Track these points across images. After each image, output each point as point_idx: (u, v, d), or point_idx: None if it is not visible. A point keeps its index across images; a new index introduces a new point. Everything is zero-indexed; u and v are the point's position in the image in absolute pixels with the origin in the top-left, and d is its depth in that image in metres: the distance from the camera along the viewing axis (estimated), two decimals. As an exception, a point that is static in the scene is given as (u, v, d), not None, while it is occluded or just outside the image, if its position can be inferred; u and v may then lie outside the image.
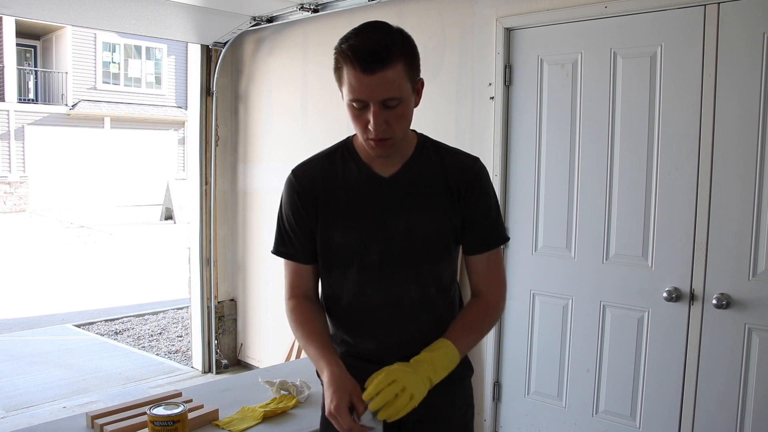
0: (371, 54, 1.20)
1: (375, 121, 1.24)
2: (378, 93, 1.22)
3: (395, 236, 1.36)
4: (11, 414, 3.77)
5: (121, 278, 8.45)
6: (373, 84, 1.21)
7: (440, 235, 1.39)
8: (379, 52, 1.20)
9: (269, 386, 1.99)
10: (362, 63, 1.20)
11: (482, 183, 1.41)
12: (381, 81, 1.21)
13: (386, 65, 1.21)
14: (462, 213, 1.39)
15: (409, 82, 1.27)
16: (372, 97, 1.23)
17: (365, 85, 1.21)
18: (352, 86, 1.23)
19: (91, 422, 1.73)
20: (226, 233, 4.48)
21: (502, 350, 3.03)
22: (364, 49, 1.20)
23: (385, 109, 1.24)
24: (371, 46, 1.20)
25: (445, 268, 1.42)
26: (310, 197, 1.39)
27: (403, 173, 1.38)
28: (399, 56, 1.23)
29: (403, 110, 1.28)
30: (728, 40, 2.26)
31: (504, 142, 2.92)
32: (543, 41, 2.78)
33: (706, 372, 2.37)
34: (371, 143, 1.29)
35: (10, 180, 15.79)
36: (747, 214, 2.25)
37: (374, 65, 1.20)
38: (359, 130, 1.30)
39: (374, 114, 1.24)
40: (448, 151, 1.44)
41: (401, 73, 1.24)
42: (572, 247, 2.74)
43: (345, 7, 3.43)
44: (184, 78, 16.53)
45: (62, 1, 3.40)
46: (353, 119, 1.29)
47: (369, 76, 1.21)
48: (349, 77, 1.23)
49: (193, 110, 4.41)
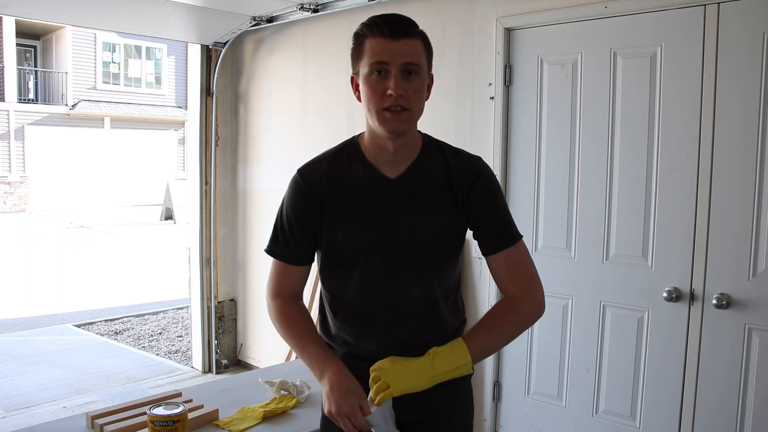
0: (398, 20, 1.30)
1: (395, 83, 1.27)
2: (401, 56, 1.28)
3: (399, 237, 1.36)
4: (11, 414, 3.77)
5: (121, 278, 8.45)
6: (397, 48, 1.28)
7: (444, 237, 1.39)
8: (405, 22, 1.31)
9: (269, 386, 1.99)
10: (390, 26, 1.28)
11: (486, 181, 1.41)
12: (405, 46, 1.28)
13: (410, 35, 1.30)
14: (467, 213, 1.39)
15: (426, 63, 1.34)
16: (394, 59, 1.27)
17: (389, 49, 1.28)
18: (374, 51, 1.29)
19: (91, 422, 1.73)
20: (226, 233, 4.48)
21: (502, 350, 3.02)
22: (390, 18, 1.30)
23: (404, 78, 1.28)
24: (398, 17, 1.31)
25: (449, 269, 1.42)
26: (316, 198, 1.39)
27: (409, 174, 1.38)
28: (419, 34, 1.32)
29: (420, 84, 1.31)
30: (728, 40, 2.26)
31: (504, 142, 2.92)
32: (543, 41, 2.78)
33: (706, 372, 2.37)
34: (387, 115, 1.29)
35: (10, 180, 15.79)
36: (747, 214, 2.25)
37: (400, 31, 1.28)
38: (375, 100, 1.30)
39: (395, 77, 1.27)
40: (451, 151, 1.44)
41: (420, 48, 1.31)
42: (572, 247, 2.74)
43: (345, 7, 3.43)
44: (184, 78, 16.53)
45: (62, 1, 3.40)
46: (371, 89, 1.30)
47: (394, 41, 1.28)
48: (372, 45, 1.29)
49: (193, 110, 4.41)
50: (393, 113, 1.29)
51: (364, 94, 1.31)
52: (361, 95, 1.33)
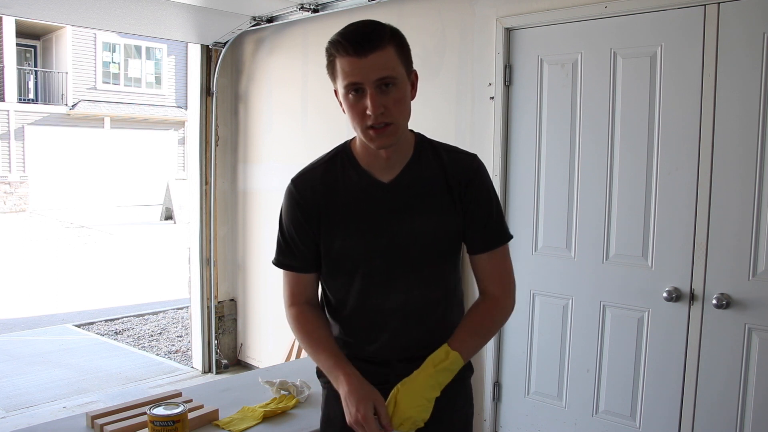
0: (362, 36, 1.23)
1: (372, 103, 1.23)
2: (372, 73, 1.23)
3: (399, 241, 1.36)
4: (11, 414, 3.77)
5: (121, 278, 8.45)
6: (367, 66, 1.22)
7: (444, 237, 1.38)
8: (369, 34, 1.24)
9: (269, 386, 1.99)
10: (354, 45, 1.22)
11: (481, 179, 1.41)
12: (374, 62, 1.23)
13: (377, 47, 1.23)
14: (464, 211, 1.38)
15: (403, 66, 1.28)
16: (366, 78, 1.23)
17: (359, 68, 1.23)
18: (345, 72, 1.24)
19: (91, 422, 1.73)
20: (226, 233, 4.48)
21: (502, 350, 3.03)
22: (354, 34, 1.24)
23: (381, 93, 1.24)
24: (361, 30, 1.25)
25: (450, 269, 1.42)
26: (312, 207, 1.38)
27: (403, 177, 1.37)
28: (389, 40, 1.25)
29: (400, 94, 1.27)
30: (728, 40, 2.26)
31: (504, 142, 2.92)
32: (543, 41, 2.78)
33: (706, 372, 2.37)
34: (371, 133, 1.27)
35: (10, 180, 15.79)
36: (747, 214, 2.25)
37: (366, 47, 1.22)
38: (357, 120, 1.28)
39: (371, 96, 1.24)
40: (446, 150, 1.42)
41: (393, 55, 1.25)
42: (572, 247, 2.74)
43: (345, 7, 3.43)
44: (184, 78, 16.52)
45: (62, 1, 3.40)
46: (350, 110, 1.28)
47: (362, 58, 1.22)
48: (342, 65, 1.25)
49: (193, 110, 4.41)
50: (377, 130, 1.27)
51: (346, 112, 1.30)
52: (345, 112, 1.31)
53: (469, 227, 1.39)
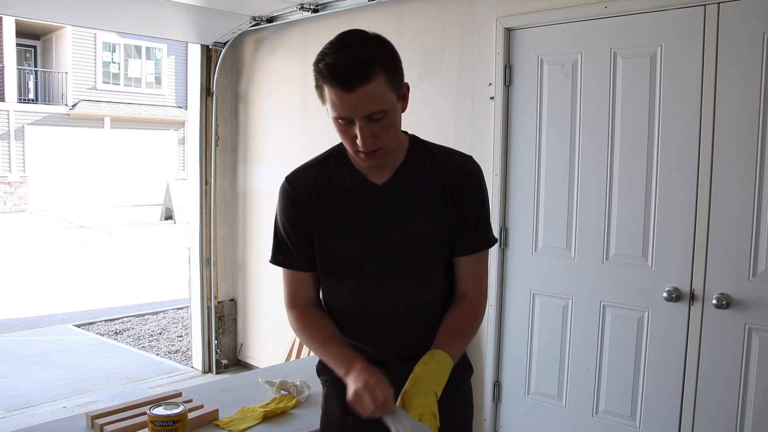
0: (350, 72, 1.17)
1: (362, 136, 1.23)
2: (361, 109, 1.20)
3: (392, 243, 1.36)
4: (11, 414, 3.77)
5: (121, 278, 8.45)
6: (356, 101, 1.19)
7: (437, 238, 1.38)
8: (357, 69, 1.18)
9: (269, 386, 1.99)
10: (341, 82, 1.18)
11: (475, 182, 1.40)
12: (363, 97, 1.19)
13: (366, 80, 1.18)
14: (456, 212, 1.38)
15: (393, 92, 1.24)
16: (356, 113, 1.21)
17: (347, 103, 1.20)
18: (334, 104, 1.22)
19: (91, 422, 1.73)
20: (226, 233, 4.48)
21: (502, 350, 3.03)
22: (341, 67, 1.18)
23: (371, 122, 1.23)
24: (348, 64, 1.18)
25: (444, 270, 1.42)
26: (305, 205, 1.38)
27: (396, 179, 1.37)
28: (379, 69, 1.20)
29: (390, 121, 1.25)
30: (728, 40, 2.26)
31: (504, 142, 2.92)
32: (543, 41, 2.78)
33: (706, 372, 2.37)
34: (361, 156, 1.28)
35: (10, 180, 15.79)
36: (747, 214, 2.25)
37: (354, 82, 1.18)
38: (348, 145, 1.29)
39: (360, 129, 1.22)
40: (440, 152, 1.42)
41: (382, 85, 1.21)
42: (572, 247, 2.74)
43: (345, 7, 3.43)
44: (184, 78, 16.53)
45: (62, 1, 3.40)
46: (340, 134, 1.28)
47: (350, 93, 1.19)
48: (330, 96, 1.22)
49: (193, 110, 4.41)
50: (367, 155, 1.27)
51: (336, 132, 1.29)
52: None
53: (459, 229, 1.39)
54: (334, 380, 1.44)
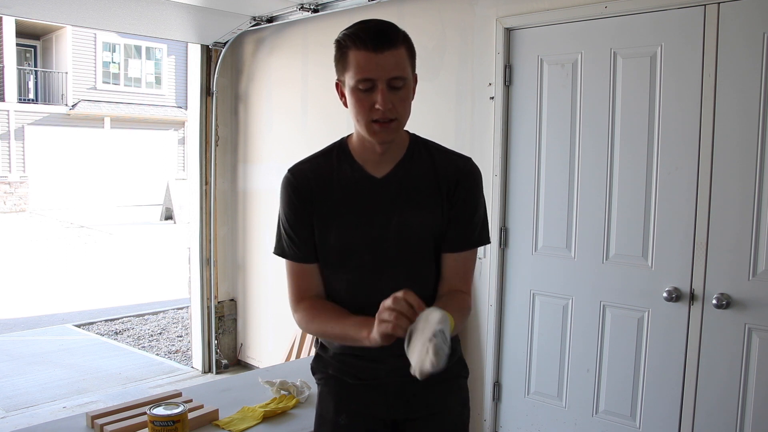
0: (381, 32, 1.26)
1: (382, 99, 1.26)
2: (386, 71, 1.26)
3: (388, 236, 1.37)
4: (11, 414, 3.77)
5: (121, 278, 8.45)
6: (382, 62, 1.25)
7: (432, 234, 1.39)
8: (387, 32, 1.27)
9: (269, 386, 1.99)
10: (373, 40, 1.25)
11: (471, 181, 1.41)
12: (389, 59, 1.26)
13: (393, 45, 1.27)
14: (449, 209, 1.39)
15: (410, 69, 1.32)
16: (380, 74, 1.26)
17: (374, 64, 1.25)
18: (360, 66, 1.26)
19: (91, 422, 1.73)
20: (226, 233, 4.48)
21: (502, 350, 3.03)
22: (373, 29, 1.27)
23: (390, 90, 1.27)
24: (379, 26, 1.28)
25: (437, 267, 1.42)
26: (307, 195, 1.40)
27: (395, 173, 1.39)
28: (402, 41, 1.29)
29: (406, 93, 1.31)
30: (728, 40, 2.26)
31: (504, 142, 2.92)
32: (543, 41, 2.78)
33: (706, 372, 2.37)
34: (375, 127, 1.29)
35: (10, 180, 15.79)
36: (747, 214, 2.25)
37: (384, 43, 1.25)
38: (363, 113, 1.29)
39: (382, 92, 1.26)
40: (439, 151, 1.44)
41: (405, 56, 1.29)
42: (572, 247, 2.74)
43: (345, 7, 3.43)
44: (184, 78, 16.52)
45: (62, 1, 3.40)
46: (357, 103, 1.29)
47: (378, 54, 1.25)
48: (357, 58, 1.26)
49: (193, 110, 4.41)
50: (382, 125, 1.29)
51: (352, 106, 1.31)
52: (349, 105, 1.32)
53: (451, 225, 1.40)
54: (328, 377, 1.45)
